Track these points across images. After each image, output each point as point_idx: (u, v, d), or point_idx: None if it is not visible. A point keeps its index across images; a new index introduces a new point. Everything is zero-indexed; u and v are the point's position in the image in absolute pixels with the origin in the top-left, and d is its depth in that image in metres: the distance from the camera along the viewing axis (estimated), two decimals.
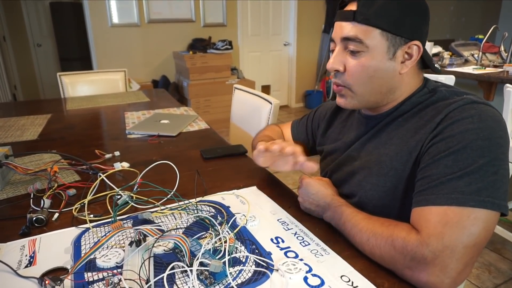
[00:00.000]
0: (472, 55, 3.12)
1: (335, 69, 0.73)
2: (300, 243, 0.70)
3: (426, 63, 0.75)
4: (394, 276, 0.61)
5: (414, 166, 0.67)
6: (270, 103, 1.51)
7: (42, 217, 0.77)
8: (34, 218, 0.77)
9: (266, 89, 4.96)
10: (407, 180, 0.69)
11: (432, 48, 3.17)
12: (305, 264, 0.63)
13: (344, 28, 0.70)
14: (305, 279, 0.60)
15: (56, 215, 0.81)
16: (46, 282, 0.56)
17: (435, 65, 0.77)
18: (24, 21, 4.83)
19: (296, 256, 0.66)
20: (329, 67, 0.74)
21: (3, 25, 4.41)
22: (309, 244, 0.69)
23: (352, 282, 0.59)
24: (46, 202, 0.83)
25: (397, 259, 0.59)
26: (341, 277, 0.60)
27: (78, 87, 2.37)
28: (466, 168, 0.59)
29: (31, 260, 0.66)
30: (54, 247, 0.70)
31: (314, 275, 0.61)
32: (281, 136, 1.11)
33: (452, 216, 0.57)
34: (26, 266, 0.64)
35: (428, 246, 0.56)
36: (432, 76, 1.43)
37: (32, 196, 0.88)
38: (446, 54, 3.08)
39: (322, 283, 0.59)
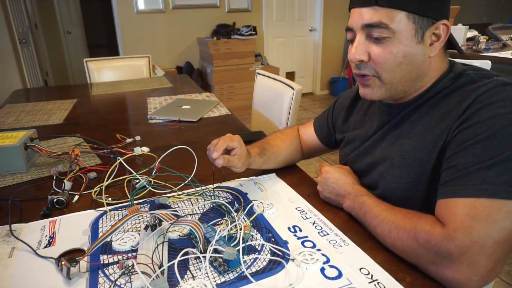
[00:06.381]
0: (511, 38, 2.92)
1: (359, 60, 0.67)
2: (319, 232, 0.67)
3: (451, 44, 0.69)
4: (417, 270, 0.58)
5: (439, 156, 0.63)
6: (293, 88, 1.47)
7: (63, 199, 0.79)
8: (55, 200, 0.78)
9: (290, 75, 4.88)
10: (432, 171, 0.64)
11: (466, 32, 2.99)
12: (323, 254, 0.61)
13: (365, 14, 0.64)
14: (322, 270, 0.57)
15: (76, 197, 0.82)
16: (63, 262, 0.57)
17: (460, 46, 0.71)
18: (54, 9, 4.95)
19: (314, 246, 0.63)
20: (352, 58, 0.67)
21: (35, 13, 4.54)
22: (327, 234, 0.67)
23: (372, 275, 0.56)
24: (67, 185, 0.84)
25: (421, 253, 0.56)
26: (360, 269, 0.57)
27: (103, 73, 2.41)
28: (497, 157, 0.54)
29: (51, 240, 0.67)
30: (73, 228, 0.71)
31: (332, 266, 0.58)
32: (291, 140, 1.00)
33: (481, 209, 0.53)
34: (46, 246, 0.65)
35: (454, 241, 0.52)
36: (466, 62, 1.34)
37: (54, 178, 0.90)
38: (482, 38, 2.89)
39: (340, 275, 0.56)
